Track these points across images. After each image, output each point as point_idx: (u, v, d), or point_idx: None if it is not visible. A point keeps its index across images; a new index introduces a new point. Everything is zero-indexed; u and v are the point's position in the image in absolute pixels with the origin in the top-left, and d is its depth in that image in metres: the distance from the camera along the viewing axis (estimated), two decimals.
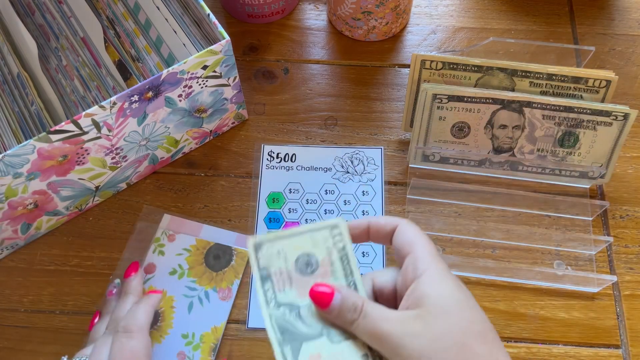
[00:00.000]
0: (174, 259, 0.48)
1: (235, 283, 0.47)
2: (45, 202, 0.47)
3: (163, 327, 0.46)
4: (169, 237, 0.49)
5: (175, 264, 0.48)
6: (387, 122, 0.56)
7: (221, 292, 0.47)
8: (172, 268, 0.48)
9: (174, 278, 0.48)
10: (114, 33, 0.58)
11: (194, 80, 0.46)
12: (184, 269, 0.48)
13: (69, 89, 0.57)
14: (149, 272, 0.48)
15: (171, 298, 0.47)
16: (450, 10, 0.64)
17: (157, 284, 0.47)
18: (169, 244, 0.49)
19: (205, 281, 0.47)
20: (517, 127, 0.50)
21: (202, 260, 0.48)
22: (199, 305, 0.47)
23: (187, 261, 0.48)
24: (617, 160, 0.52)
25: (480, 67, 0.49)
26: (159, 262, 0.48)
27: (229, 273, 0.48)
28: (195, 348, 0.45)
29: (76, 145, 0.44)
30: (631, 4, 0.64)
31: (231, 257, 0.48)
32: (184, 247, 0.49)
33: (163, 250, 0.49)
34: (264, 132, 0.56)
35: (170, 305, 0.47)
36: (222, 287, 0.47)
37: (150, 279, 0.48)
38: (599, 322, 0.47)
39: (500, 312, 0.47)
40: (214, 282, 0.47)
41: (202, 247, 0.49)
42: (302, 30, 0.63)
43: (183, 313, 0.46)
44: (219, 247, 0.49)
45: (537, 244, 0.50)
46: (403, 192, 0.53)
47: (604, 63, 0.60)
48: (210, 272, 0.48)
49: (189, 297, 0.47)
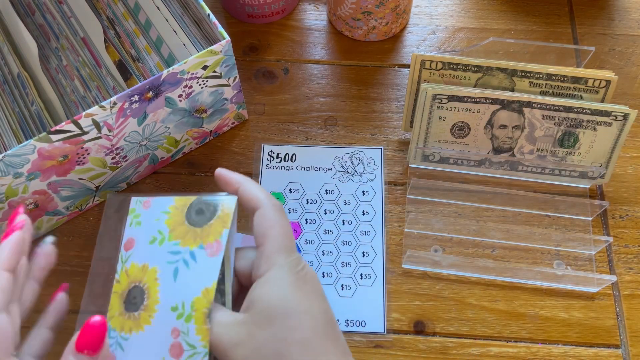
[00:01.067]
0: (152, 225, 0.41)
1: (224, 233, 0.39)
2: (46, 202, 0.47)
3: (149, 305, 0.38)
4: (144, 204, 0.42)
5: (155, 230, 0.41)
6: (387, 122, 0.57)
7: (209, 248, 0.39)
8: (152, 236, 0.41)
9: (154, 247, 0.40)
10: (114, 33, 0.58)
11: (194, 80, 0.46)
12: (164, 234, 0.40)
13: (69, 89, 0.57)
14: (129, 248, 0.41)
15: (154, 270, 0.39)
16: (450, 10, 0.64)
17: (138, 258, 0.40)
18: (145, 211, 0.41)
19: (189, 241, 0.40)
20: (517, 127, 0.50)
21: (183, 219, 0.40)
22: (185, 269, 0.39)
23: (167, 224, 0.41)
24: (617, 160, 0.52)
25: (480, 67, 0.49)
26: (137, 234, 0.41)
27: (215, 225, 0.39)
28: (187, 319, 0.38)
29: (76, 145, 0.44)
30: (631, 4, 0.64)
31: (216, 208, 0.40)
32: (162, 210, 0.41)
33: (140, 221, 0.41)
34: (264, 132, 0.56)
35: (154, 278, 0.39)
36: (209, 241, 0.39)
37: (130, 256, 0.41)
38: (598, 322, 0.47)
39: (500, 312, 0.47)
40: (200, 239, 0.39)
41: (182, 206, 0.41)
42: (302, 30, 0.63)
43: (169, 282, 0.39)
44: (201, 201, 0.41)
45: (537, 243, 0.50)
46: (403, 192, 0.53)
47: (604, 63, 0.60)
48: (194, 229, 0.40)
49: (173, 263, 0.39)
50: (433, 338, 0.46)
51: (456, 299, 0.48)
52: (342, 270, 0.49)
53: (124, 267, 0.40)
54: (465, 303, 0.48)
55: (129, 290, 0.39)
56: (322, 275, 0.49)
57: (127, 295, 0.39)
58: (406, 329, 0.47)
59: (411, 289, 0.48)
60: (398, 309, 0.48)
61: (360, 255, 0.50)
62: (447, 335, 0.47)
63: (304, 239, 0.50)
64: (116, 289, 0.39)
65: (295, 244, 0.38)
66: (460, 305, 0.48)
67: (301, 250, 0.50)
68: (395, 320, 0.47)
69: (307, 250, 0.50)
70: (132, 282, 0.39)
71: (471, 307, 0.48)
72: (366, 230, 0.51)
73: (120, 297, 0.39)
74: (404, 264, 0.49)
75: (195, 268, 0.38)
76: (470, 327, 0.47)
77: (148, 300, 0.39)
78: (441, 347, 0.46)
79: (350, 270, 0.49)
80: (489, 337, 0.46)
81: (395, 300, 0.48)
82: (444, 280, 0.49)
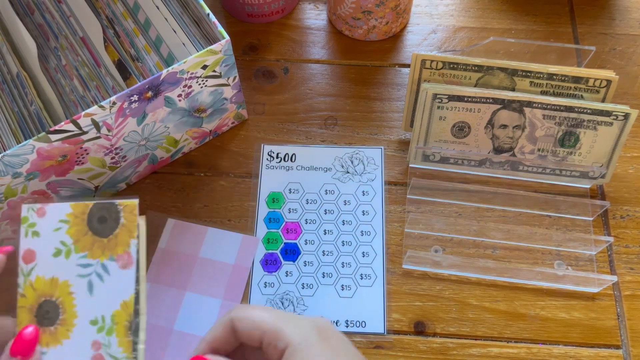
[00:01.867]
0: (52, 235, 0.40)
1: (132, 244, 0.39)
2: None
3: (67, 319, 0.39)
4: (37, 211, 0.40)
5: (57, 241, 0.40)
6: (387, 122, 0.56)
7: (120, 260, 0.39)
8: (55, 248, 0.40)
9: (60, 259, 0.40)
10: (113, 33, 0.57)
11: (193, 80, 0.46)
12: (69, 245, 0.40)
13: (69, 89, 0.57)
14: (29, 260, 0.40)
15: (66, 283, 0.39)
16: (451, 9, 0.64)
17: (44, 272, 0.40)
18: (41, 220, 0.40)
19: (97, 252, 0.40)
20: (518, 127, 0.50)
21: (85, 228, 0.40)
22: (100, 282, 0.39)
23: (70, 234, 0.40)
24: (618, 160, 0.52)
25: (481, 66, 0.49)
26: (37, 246, 0.40)
27: (121, 235, 0.40)
28: (109, 332, 0.39)
29: (75, 145, 0.44)
30: (632, 3, 0.64)
31: (118, 215, 0.40)
32: (59, 218, 0.40)
33: (36, 230, 0.40)
34: (263, 132, 0.56)
35: (67, 292, 0.39)
36: (118, 253, 0.40)
37: (32, 268, 0.40)
38: (599, 323, 0.47)
39: (500, 312, 0.47)
40: (108, 250, 0.40)
41: (80, 213, 0.40)
42: (302, 30, 0.62)
43: (84, 296, 0.39)
44: (101, 207, 0.40)
45: (538, 244, 0.50)
46: (403, 192, 0.53)
47: (605, 63, 0.60)
48: (99, 239, 0.40)
49: (85, 277, 0.40)
50: (433, 339, 0.46)
51: (457, 299, 0.48)
52: (342, 270, 0.49)
53: (28, 281, 0.39)
54: (466, 303, 0.48)
55: (39, 304, 0.39)
56: (322, 276, 0.49)
57: (38, 309, 0.39)
58: (406, 330, 0.47)
59: (411, 290, 0.48)
60: (398, 309, 0.47)
61: (360, 255, 0.50)
62: (448, 336, 0.46)
63: (304, 239, 0.50)
64: (22, 304, 0.39)
65: None
66: (461, 306, 0.48)
67: (301, 251, 0.50)
68: (396, 321, 0.47)
69: (307, 250, 0.50)
70: (42, 297, 0.39)
71: (472, 308, 0.47)
72: (366, 230, 0.51)
73: (29, 312, 0.39)
74: (404, 264, 0.49)
75: (109, 281, 0.39)
76: (471, 328, 0.47)
77: (64, 315, 0.39)
78: (441, 348, 0.46)
79: (351, 270, 0.49)
80: (490, 338, 0.46)
81: (396, 301, 0.48)
82: (445, 281, 0.49)
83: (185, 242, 0.50)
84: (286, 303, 0.48)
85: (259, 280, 0.49)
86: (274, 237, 0.50)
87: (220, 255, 0.50)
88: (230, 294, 0.48)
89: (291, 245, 0.50)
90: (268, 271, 0.49)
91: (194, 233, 0.50)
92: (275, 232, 0.51)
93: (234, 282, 0.48)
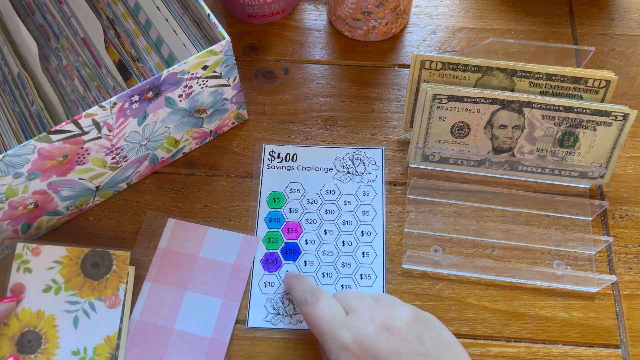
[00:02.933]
0: (44, 274, 0.44)
1: (121, 288, 0.44)
2: (46, 202, 0.47)
3: (48, 348, 0.42)
4: (32, 250, 0.45)
5: (48, 279, 0.44)
6: (387, 122, 0.57)
7: (107, 300, 0.44)
8: (45, 284, 0.44)
9: (49, 295, 0.44)
10: (114, 33, 0.58)
11: (194, 80, 0.46)
12: (60, 283, 0.44)
13: (69, 89, 0.57)
14: (17, 293, 0.44)
15: (51, 317, 0.43)
16: (450, 10, 0.64)
17: (32, 304, 0.43)
18: (35, 258, 0.44)
19: (86, 292, 0.44)
20: (517, 127, 0.50)
21: (78, 270, 0.44)
22: (85, 318, 0.43)
23: (62, 274, 0.44)
24: (617, 160, 0.52)
25: (480, 67, 0.49)
26: (27, 281, 0.44)
27: (111, 280, 0.44)
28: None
29: (76, 145, 0.44)
30: (631, 4, 0.64)
31: (111, 263, 0.45)
32: (54, 259, 0.45)
33: (29, 267, 0.44)
34: (264, 132, 0.56)
35: (52, 325, 0.43)
36: (107, 294, 0.44)
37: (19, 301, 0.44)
38: (598, 322, 0.47)
39: (500, 312, 0.47)
40: (98, 291, 0.44)
41: (75, 257, 0.45)
42: (302, 31, 0.63)
43: (69, 329, 0.43)
44: (96, 254, 0.45)
45: (537, 244, 0.50)
46: (403, 192, 0.53)
47: (604, 63, 0.60)
48: (90, 281, 0.44)
49: (71, 312, 0.43)
50: None
51: (456, 299, 0.48)
52: (342, 270, 0.49)
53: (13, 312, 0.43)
54: (465, 303, 0.48)
55: (21, 334, 0.42)
56: (322, 276, 0.49)
57: (20, 338, 0.42)
58: None
59: (411, 289, 0.48)
60: None
61: (360, 255, 0.50)
62: None
63: (304, 239, 0.50)
64: (4, 332, 0.42)
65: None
66: (460, 305, 0.48)
67: (301, 251, 0.50)
68: None
69: (307, 250, 0.50)
70: (25, 327, 0.43)
71: (471, 307, 0.48)
72: (366, 230, 0.51)
73: (10, 340, 0.42)
74: (404, 264, 0.49)
75: (95, 318, 0.43)
76: (470, 327, 0.47)
77: (46, 345, 0.42)
78: None
79: (351, 270, 0.49)
80: (489, 337, 0.46)
81: None
82: (444, 280, 0.49)
83: (185, 242, 0.50)
84: (286, 302, 0.48)
85: (260, 280, 0.49)
86: (274, 236, 0.51)
87: (220, 255, 0.50)
88: (230, 294, 0.48)
89: (292, 245, 0.50)
90: (268, 270, 0.49)
91: (194, 233, 0.50)
92: (276, 231, 0.51)
93: (235, 282, 0.49)
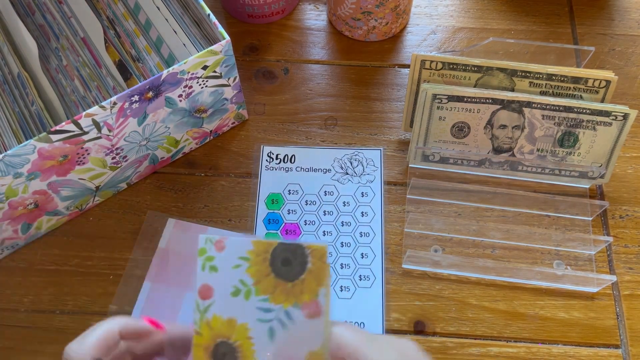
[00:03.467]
0: (231, 273, 0.36)
1: (320, 293, 0.35)
2: (46, 202, 0.47)
3: None
4: (215, 244, 0.36)
5: (236, 280, 0.36)
6: (387, 122, 0.57)
7: (306, 308, 0.35)
8: (234, 287, 0.36)
9: (239, 300, 0.36)
10: (114, 33, 0.58)
11: (194, 80, 0.46)
12: (249, 285, 0.36)
13: (69, 89, 0.57)
14: (206, 297, 0.36)
15: (244, 327, 0.36)
16: (450, 10, 0.64)
17: (221, 311, 0.36)
18: (219, 254, 0.36)
19: (280, 297, 0.36)
20: (517, 127, 0.50)
21: (268, 269, 0.36)
22: (282, 329, 0.35)
23: (250, 274, 0.36)
24: (617, 160, 0.52)
25: (480, 67, 0.49)
26: (214, 282, 0.36)
27: (308, 281, 0.36)
28: None
29: (76, 145, 0.44)
30: (631, 4, 0.64)
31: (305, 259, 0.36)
32: (239, 255, 0.36)
33: (215, 265, 0.36)
34: (264, 132, 0.56)
35: (246, 336, 0.36)
36: (304, 300, 0.36)
37: (210, 306, 0.36)
38: (598, 322, 0.47)
39: (500, 312, 0.47)
40: (293, 297, 0.36)
41: (263, 252, 0.36)
42: (302, 30, 0.63)
43: (264, 342, 0.35)
44: (285, 248, 0.36)
45: (537, 243, 0.50)
46: (403, 192, 0.53)
47: (604, 63, 0.60)
48: (283, 283, 0.36)
49: (265, 322, 0.36)
50: (433, 338, 0.46)
51: (456, 299, 0.48)
52: (341, 271, 0.49)
53: (204, 318, 0.36)
54: (465, 303, 0.48)
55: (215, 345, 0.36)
56: None
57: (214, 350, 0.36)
58: (406, 329, 0.47)
59: (411, 289, 0.48)
60: (398, 309, 0.48)
61: (359, 256, 0.50)
62: (447, 335, 0.47)
63: (303, 240, 0.50)
64: (198, 341, 0.36)
65: None
66: (460, 305, 0.48)
67: None
68: (395, 320, 0.47)
69: None
70: (218, 337, 0.36)
71: (471, 307, 0.48)
72: (365, 231, 0.51)
73: (205, 351, 0.36)
74: (404, 264, 0.49)
75: (293, 330, 0.36)
76: (470, 327, 0.47)
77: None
78: (441, 347, 0.46)
79: (349, 271, 0.49)
80: (489, 337, 0.46)
81: (395, 300, 0.48)
82: (444, 280, 0.49)
83: (185, 242, 0.50)
84: None
85: None
86: (273, 238, 0.51)
87: None
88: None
89: None
90: None
91: (194, 233, 0.50)
92: (275, 233, 0.51)
93: None
